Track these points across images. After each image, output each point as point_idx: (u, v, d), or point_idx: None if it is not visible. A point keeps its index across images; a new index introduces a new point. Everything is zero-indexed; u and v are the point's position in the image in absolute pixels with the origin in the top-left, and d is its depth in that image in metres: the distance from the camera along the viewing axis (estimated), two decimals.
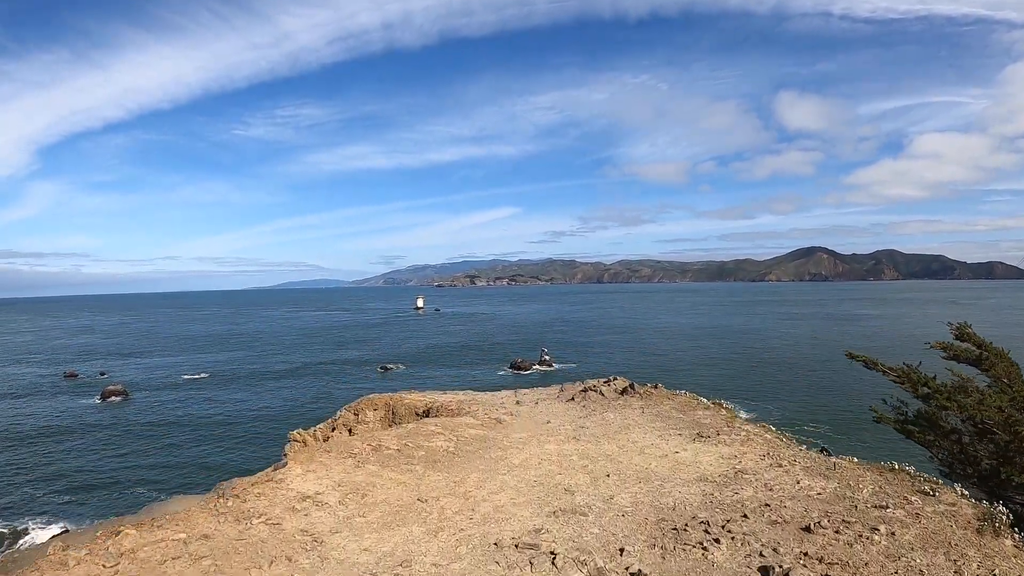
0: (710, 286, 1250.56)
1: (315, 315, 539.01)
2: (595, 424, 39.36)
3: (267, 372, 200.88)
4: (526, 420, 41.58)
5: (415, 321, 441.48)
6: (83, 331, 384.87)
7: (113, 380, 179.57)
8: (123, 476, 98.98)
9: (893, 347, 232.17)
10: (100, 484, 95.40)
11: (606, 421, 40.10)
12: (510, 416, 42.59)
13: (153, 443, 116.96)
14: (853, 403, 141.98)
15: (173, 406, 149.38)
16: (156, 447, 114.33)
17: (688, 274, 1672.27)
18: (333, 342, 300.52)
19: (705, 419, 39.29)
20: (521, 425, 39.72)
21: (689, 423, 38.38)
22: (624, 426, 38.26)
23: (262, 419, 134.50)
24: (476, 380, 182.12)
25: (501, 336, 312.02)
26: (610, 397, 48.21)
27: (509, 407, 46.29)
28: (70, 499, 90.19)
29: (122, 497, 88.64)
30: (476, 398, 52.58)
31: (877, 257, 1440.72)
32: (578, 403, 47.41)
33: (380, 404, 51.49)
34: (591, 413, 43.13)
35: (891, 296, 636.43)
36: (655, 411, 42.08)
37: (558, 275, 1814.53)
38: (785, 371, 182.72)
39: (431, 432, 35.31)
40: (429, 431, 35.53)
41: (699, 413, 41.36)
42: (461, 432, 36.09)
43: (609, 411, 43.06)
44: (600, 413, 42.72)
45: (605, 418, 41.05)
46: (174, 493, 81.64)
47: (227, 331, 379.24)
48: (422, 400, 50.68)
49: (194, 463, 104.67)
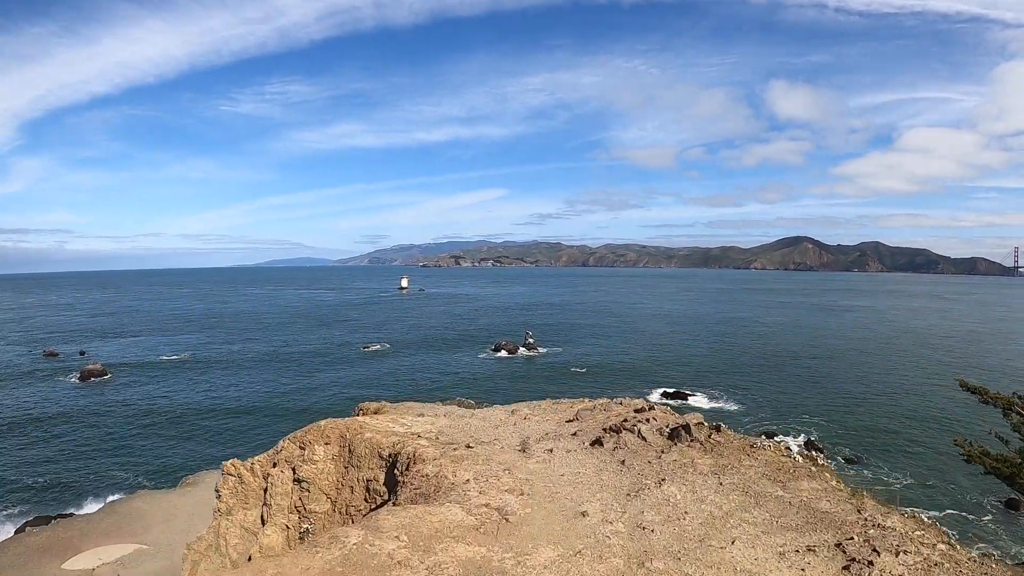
0: (696, 272, 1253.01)
1: (298, 294, 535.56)
2: (656, 513, 26.34)
3: (247, 354, 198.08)
4: (544, 506, 27.58)
5: (399, 301, 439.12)
6: (64, 309, 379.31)
7: (93, 360, 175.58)
8: (90, 466, 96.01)
9: (883, 339, 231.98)
10: (65, 473, 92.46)
11: (672, 503, 27.18)
12: (519, 499, 28.03)
13: (127, 431, 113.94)
14: (843, 396, 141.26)
15: (151, 390, 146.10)
16: (129, 435, 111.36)
17: (674, 260, 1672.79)
18: (316, 321, 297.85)
19: (821, 500, 27.03)
20: (540, 524, 25.78)
21: (803, 512, 25.98)
22: (707, 520, 25.33)
23: (237, 408, 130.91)
24: (460, 363, 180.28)
25: (485, 318, 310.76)
26: (656, 444, 35.05)
27: (512, 463, 33.17)
28: (37, 487, 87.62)
29: (86, 488, 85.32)
30: (463, 435, 39.94)
31: (862, 249, 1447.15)
32: (612, 454, 34.22)
33: (333, 436, 41.07)
34: (641, 483, 29.82)
35: (876, 288, 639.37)
36: (738, 481, 29.54)
37: (543, 257, 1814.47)
38: (772, 360, 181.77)
39: (388, 560, 21.10)
40: (385, 556, 21.25)
41: (804, 486, 28.92)
42: (442, 555, 21.86)
43: (667, 478, 30.00)
44: (655, 483, 29.50)
45: (667, 496, 27.96)
46: (140, 488, 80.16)
47: (209, 309, 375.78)
48: (389, 436, 39.67)
49: (165, 454, 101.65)
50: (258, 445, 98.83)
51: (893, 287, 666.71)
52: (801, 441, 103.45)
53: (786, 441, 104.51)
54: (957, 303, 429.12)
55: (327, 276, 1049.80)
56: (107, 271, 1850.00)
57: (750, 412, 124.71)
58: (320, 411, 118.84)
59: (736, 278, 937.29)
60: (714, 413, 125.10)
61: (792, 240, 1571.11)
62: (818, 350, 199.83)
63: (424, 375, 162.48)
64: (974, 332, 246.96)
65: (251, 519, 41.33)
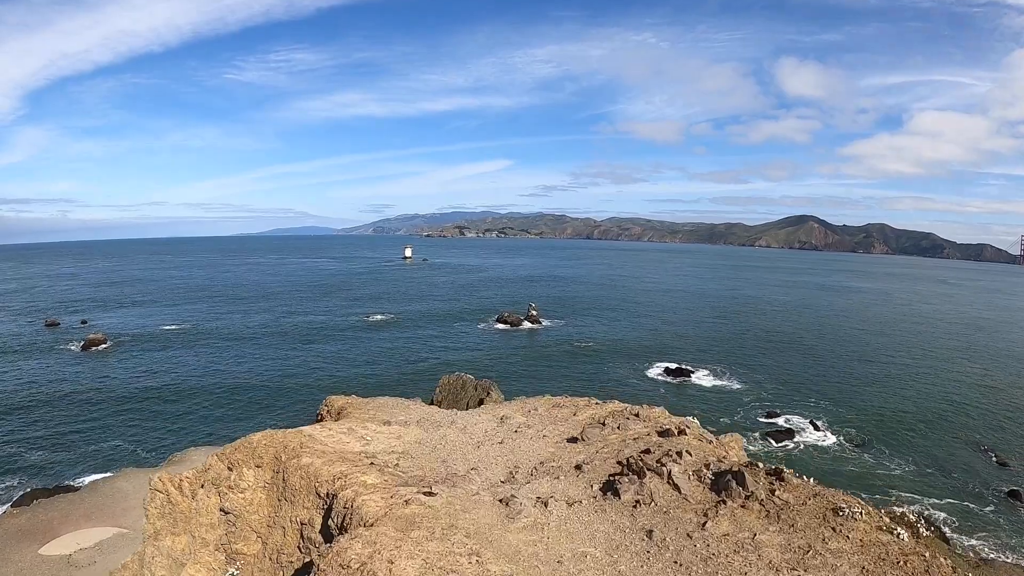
0: (700, 248, 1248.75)
1: (302, 263, 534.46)
2: None
3: (249, 324, 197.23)
4: None
5: (403, 271, 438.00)
6: (67, 279, 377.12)
7: (94, 330, 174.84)
8: (80, 439, 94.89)
9: (888, 322, 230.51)
10: (53, 446, 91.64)
11: None
12: None
13: (119, 404, 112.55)
14: (847, 378, 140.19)
15: (150, 361, 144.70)
16: (121, 408, 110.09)
17: (678, 235, 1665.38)
18: (319, 291, 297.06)
19: None
20: None
21: None
22: None
23: (234, 383, 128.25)
24: (462, 335, 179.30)
25: (488, 289, 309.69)
26: (695, 499, 25.60)
27: (486, 534, 24.08)
28: (25, 461, 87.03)
29: (72, 463, 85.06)
30: (432, 459, 33.27)
31: (868, 230, 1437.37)
32: (632, 514, 25.28)
33: (267, 458, 33.36)
34: None
35: (881, 271, 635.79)
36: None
37: (548, 229, 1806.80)
38: (776, 340, 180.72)
39: None
40: None
41: None
42: None
43: (720, 573, 20.63)
44: None
45: None
46: (125, 465, 79.19)
47: (212, 278, 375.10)
48: (332, 464, 31.54)
49: (155, 428, 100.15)
50: (250, 425, 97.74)
51: (898, 270, 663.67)
52: (807, 423, 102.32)
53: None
54: (962, 289, 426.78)
55: (331, 245, 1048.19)
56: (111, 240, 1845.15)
57: (753, 391, 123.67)
58: (316, 389, 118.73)
59: (741, 255, 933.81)
60: (718, 390, 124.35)
61: (798, 219, 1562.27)
62: (823, 331, 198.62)
63: (424, 348, 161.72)
64: (980, 319, 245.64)
65: (179, 547, 35.02)
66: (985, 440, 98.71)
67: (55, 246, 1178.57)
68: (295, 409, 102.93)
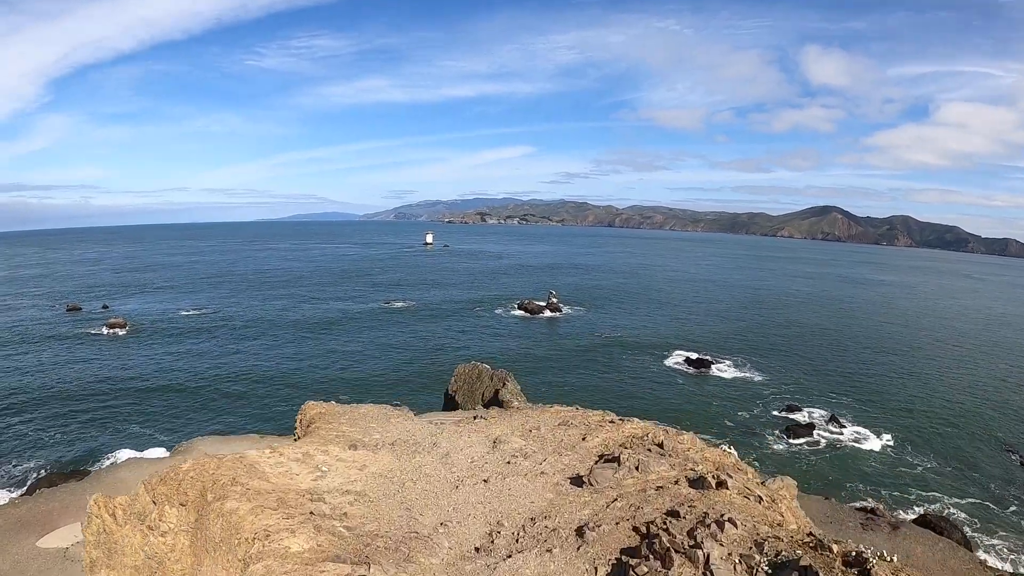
0: (722, 237, 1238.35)
1: (323, 248, 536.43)
2: None
3: (268, 310, 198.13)
4: None
5: (423, 257, 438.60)
6: (90, 264, 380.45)
7: (115, 314, 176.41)
8: (91, 425, 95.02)
9: (912, 316, 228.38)
10: (64, 432, 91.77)
11: None
12: None
13: (133, 390, 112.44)
14: (870, 372, 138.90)
15: (168, 347, 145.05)
16: (135, 394, 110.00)
17: (700, 224, 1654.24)
18: (339, 277, 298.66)
19: None
20: None
21: None
22: None
23: (248, 373, 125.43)
24: (481, 322, 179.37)
25: (509, 276, 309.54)
26: None
27: None
28: (34, 448, 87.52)
29: (80, 451, 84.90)
30: (393, 503, 27.12)
31: (891, 222, 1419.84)
32: None
33: (192, 494, 26.95)
34: None
35: (905, 263, 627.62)
36: None
37: (569, 217, 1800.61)
38: (798, 332, 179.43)
39: None
40: None
41: None
42: None
43: None
44: None
45: None
46: (131, 453, 79.64)
47: (232, 264, 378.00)
48: (263, 508, 25.13)
49: (165, 415, 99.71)
50: (258, 418, 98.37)
51: (922, 263, 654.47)
52: (828, 417, 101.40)
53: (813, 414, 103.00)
54: (987, 284, 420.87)
55: (353, 231, 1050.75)
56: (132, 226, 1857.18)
57: (774, 384, 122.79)
58: (330, 382, 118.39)
59: (763, 245, 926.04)
60: (738, 382, 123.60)
61: (821, 209, 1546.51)
62: (846, 323, 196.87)
63: (442, 335, 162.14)
64: (1006, 315, 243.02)
65: None
66: (1009, 440, 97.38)
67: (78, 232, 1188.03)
68: (291, 409, 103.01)
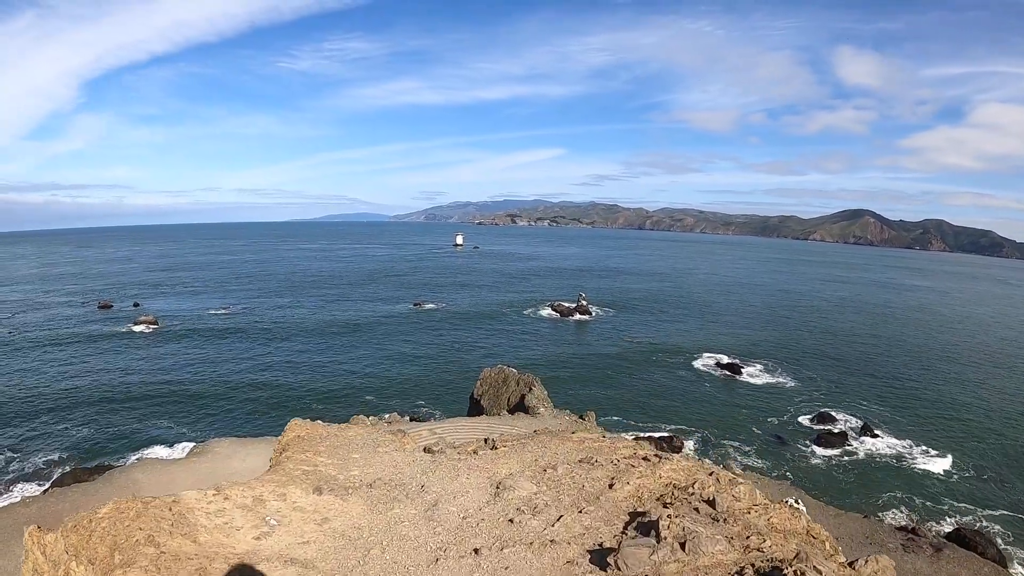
0: (753, 240, 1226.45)
1: (354, 248, 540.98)
2: None
3: (298, 310, 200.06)
4: None
5: (453, 258, 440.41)
6: (122, 262, 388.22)
7: (145, 312, 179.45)
8: (113, 423, 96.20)
9: (947, 323, 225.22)
10: (87, 429, 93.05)
11: None
12: None
13: (158, 388, 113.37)
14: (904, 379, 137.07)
15: (195, 347, 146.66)
16: (159, 393, 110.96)
17: (731, 227, 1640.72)
18: (368, 277, 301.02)
19: None
20: None
21: None
22: None
23: (273, 376, 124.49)
24: (509, 324, 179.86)
25: (538, 278, 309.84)
26: None
27: None
28: (78, 436, 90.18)
29: (97, 449, 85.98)
30: None
31: (925, 226, 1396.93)
32: None
33: (102, 549, 20.43)
34: None
35: (938, 268, 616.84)
36: None
37: (599, 219, 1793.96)
38: (830, 337, 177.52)
39: None
40: None
41: None
42: None
43: None
44: None
45: None
46: (148, 454, 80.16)
47: (263, 264, 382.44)
48: None
49: (186, 416, 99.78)
50: (279, 420, 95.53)
51: (957, 268, 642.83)
52: (861, 425, 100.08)
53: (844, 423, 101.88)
54: (1022, 289, 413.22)
55: (383, 231, 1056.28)
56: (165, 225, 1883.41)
57: (805, 390, 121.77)
58: (355, 385, 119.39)
59: (795, 249, 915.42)
60: (768, 388, 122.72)
61: (853, 213, 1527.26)
62: (879, 329, 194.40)
63: (469, 336, 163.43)
64: None
65: None
66: None
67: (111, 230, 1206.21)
68: (315, 411, 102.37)
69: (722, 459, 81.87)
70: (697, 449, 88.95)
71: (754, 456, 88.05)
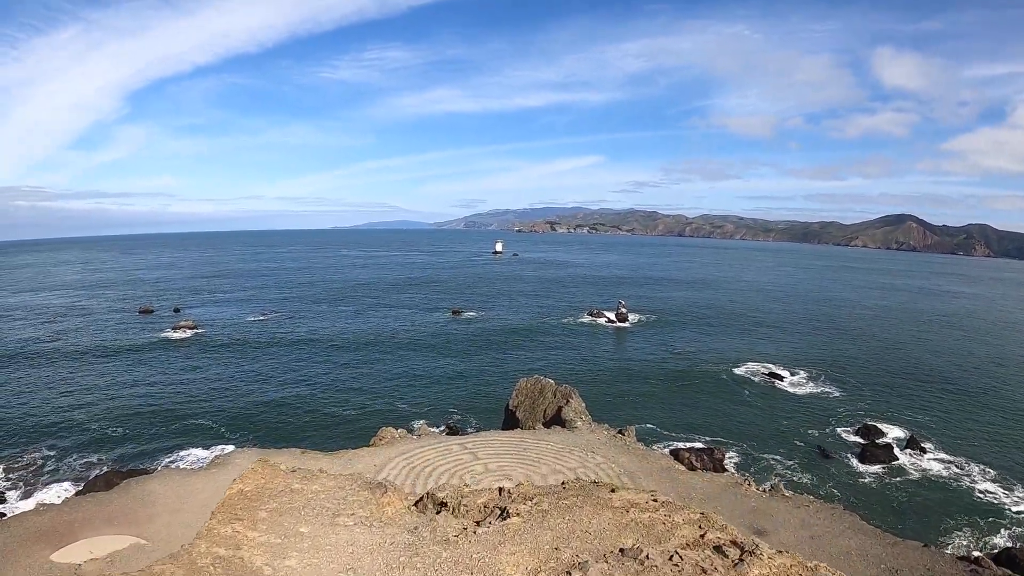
0: (794, 247, 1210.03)
1: (393, 256, 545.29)
2: None
3: (333, 317, 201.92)
4: None
5: (492, 265, 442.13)
6: (163, 268, 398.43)
7: (185, 318, 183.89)
8: (141, 430, 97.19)
9: (993, 330, 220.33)
10: (114, 434, 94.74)
11: None
12: None
13: (190, 396, 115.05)
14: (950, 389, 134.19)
15: (232, 354, 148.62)
16: (189, 400, 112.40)
17: (772, 233, 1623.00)
18: (407, 284, 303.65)
19: None
20: None
21: None
22: None
23: (306, 391, 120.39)
24: (547, 332, 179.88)
25: (577, 285, 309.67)
26: None
27: None
28: (110, 437, 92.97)
29: (120, 456, 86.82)
30: None
31: (969, 231, 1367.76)
32: None
33: None
34: None
35: (983, 274, 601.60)
36: None
37: (639, 226, 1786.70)
38: (873, 345, 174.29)
39: None
40: None
41: None
42: None
43: None
44: None
45: None
46: (169, 462, 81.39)
47: (303, 271, 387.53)
48: None
49: (210, 426, 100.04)
50: (306, 430, 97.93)
51: (1003, 274, 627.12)
52: (907, 439, 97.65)
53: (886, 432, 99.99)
54: None
55: (423, 239, 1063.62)
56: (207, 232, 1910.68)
57: (848, 401, 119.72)
58: (389, 394, 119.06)
59: (836, 255, 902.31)
60: (810, 399, 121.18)
61: (895, 218, 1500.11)
62: (924, 338, 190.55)
63: (507, 344, 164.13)
64: None
65: None
66: None
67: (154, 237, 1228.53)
68: (345, 420, 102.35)
69: (765, 474, 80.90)
70: (739, 463, 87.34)
71: (798, 471, 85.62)
